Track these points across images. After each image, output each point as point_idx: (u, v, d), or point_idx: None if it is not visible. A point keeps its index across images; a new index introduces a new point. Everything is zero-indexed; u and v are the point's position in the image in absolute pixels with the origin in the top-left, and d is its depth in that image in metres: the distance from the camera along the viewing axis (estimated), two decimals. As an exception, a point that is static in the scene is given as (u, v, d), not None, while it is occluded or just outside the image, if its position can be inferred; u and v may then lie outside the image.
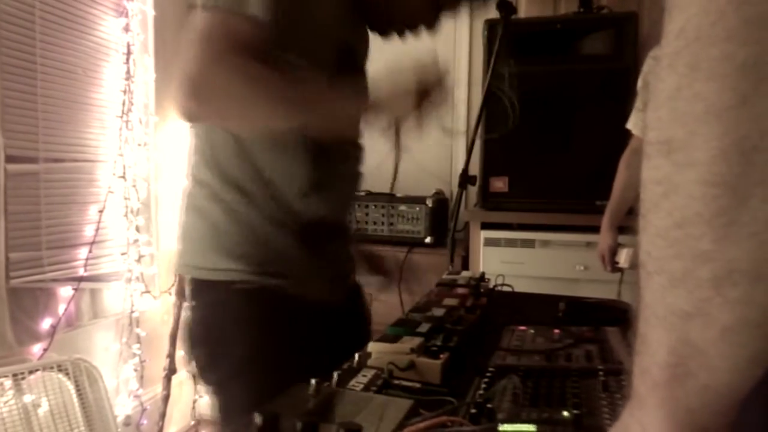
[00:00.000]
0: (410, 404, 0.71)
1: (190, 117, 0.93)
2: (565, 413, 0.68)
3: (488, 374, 0.84)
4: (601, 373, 0.81)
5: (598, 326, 1.19)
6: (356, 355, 0.95)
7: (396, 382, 0.89)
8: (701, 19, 0.32)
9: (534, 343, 1.08)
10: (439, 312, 1.27)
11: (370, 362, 0.96)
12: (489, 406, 0.69)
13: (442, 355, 0.95)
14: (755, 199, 0.31)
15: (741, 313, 0.33)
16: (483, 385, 0.79)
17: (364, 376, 0.88)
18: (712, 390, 0.35)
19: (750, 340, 0.33)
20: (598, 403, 0.72)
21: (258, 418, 0.59)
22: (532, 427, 0.64)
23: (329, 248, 1.14)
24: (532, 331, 1.17)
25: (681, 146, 0.33)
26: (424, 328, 1.12)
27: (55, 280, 2.07)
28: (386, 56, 1.36)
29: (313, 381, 0.75)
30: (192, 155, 1.11)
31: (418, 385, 0.89)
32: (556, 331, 1.16)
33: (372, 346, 0.99)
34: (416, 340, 1.01)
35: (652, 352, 0.37)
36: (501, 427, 0.64)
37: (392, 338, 1.03)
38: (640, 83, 2.01)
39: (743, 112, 0.31)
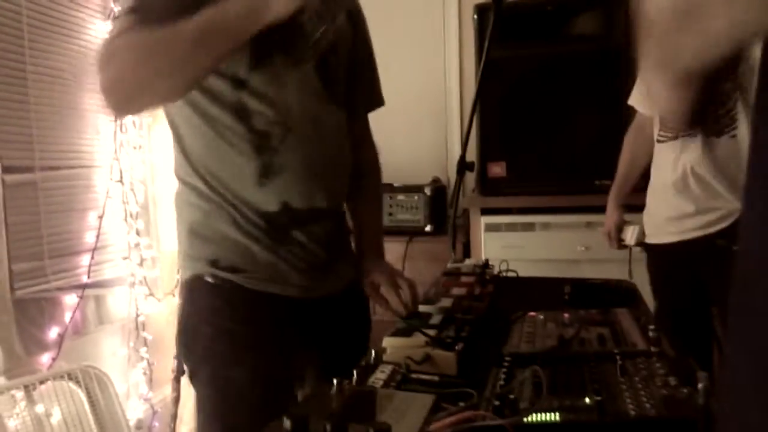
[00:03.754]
0: (433, 399, 0.72)
1: (118, 110, 1.05)
2: (587, 400, 0.69)
3: (505, 363, 0.85)
4: (617, 357, 0.82)
5: (607, 308, 1.21)
6: (372, 352, 0.96)
7: (414, 376, 0.90)
8: None
9: (545, 329, 1.09)
10: (447, 302, 1.28)
11: (386, 357, 0.97)
12: (511, 396, 0.70)
13: (456, 347, 0.96)
14: None
15: None
16: (502, 376, 0.80)
17: (383, 372, 0.88)
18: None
19: None
20: (618, 388, 0.73)
21: (287, 423, 0.59)
22: (556, 416, 0.65)
23: (298, 236, 1.12)
24: (541, 316, 1.18)
25: None
26: (435, 319, 1.13)
27: (59, 289, 2.06)
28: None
29: (335, 381, 0.75)
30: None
31: (436, 378, 0.89)
32: (566, 315, 1.17)
33: (387, 341, 1.00)
34: (429, 333, 1.02)
35: None
36: (526, 418, 0.65)
37: (406, 332, 1.04)
38: None
39: None
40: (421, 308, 1.26)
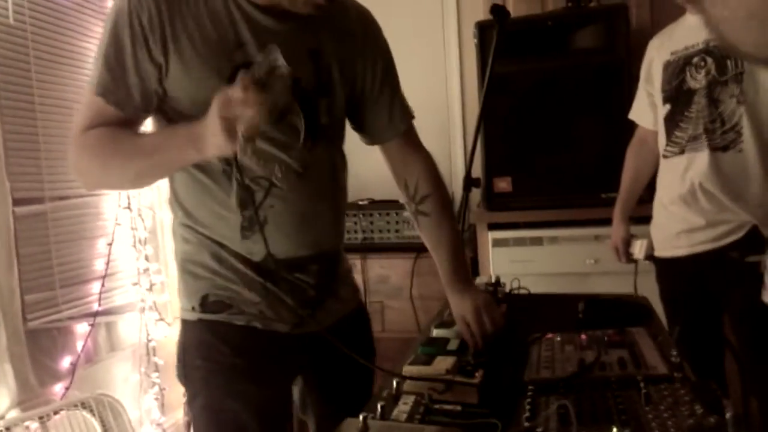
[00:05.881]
0: (460, 433, 0.72)
1: (85, 186, 1.22)
2: (615, 431, 0.69)
3: (529, 392, 0.85)
4: (641, 383, 0.82)
5: (623, 327, 1.20)
6: (394, 382, 0.96)
7: (437, 406, 0.90)
8: None
9: (564, 352, 1.09)
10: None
11: (406, 386, 0.97)
12: (539, 431, 0.70)
13: (477, 374, 0.96)
14: None
15: None
16: (527, 406, 0.80)
17: (405, 403, 0.88)
18: None
19: None
20: (644, 418, 0.73)
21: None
22: (586, 450, 0.65)
23: (286, 275, 1.13)
24: (558, 338, 1.18)
25: None
26: (453, 345, 1.13)
27: (71, 318, 2.07)
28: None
29: (360, 416, 0.75)
30: None
31: (458, 408, 0.89)
32: (583, 336, 1.17)
33: (407, 370, 0.99)
34: (449, 360, 1.02)
35: None
36: (556, 453, 0.65)
37: (425, 359, 1.04)
38: (643, 73, 2.01)
39: None
40: (437, 333, 1.26)
